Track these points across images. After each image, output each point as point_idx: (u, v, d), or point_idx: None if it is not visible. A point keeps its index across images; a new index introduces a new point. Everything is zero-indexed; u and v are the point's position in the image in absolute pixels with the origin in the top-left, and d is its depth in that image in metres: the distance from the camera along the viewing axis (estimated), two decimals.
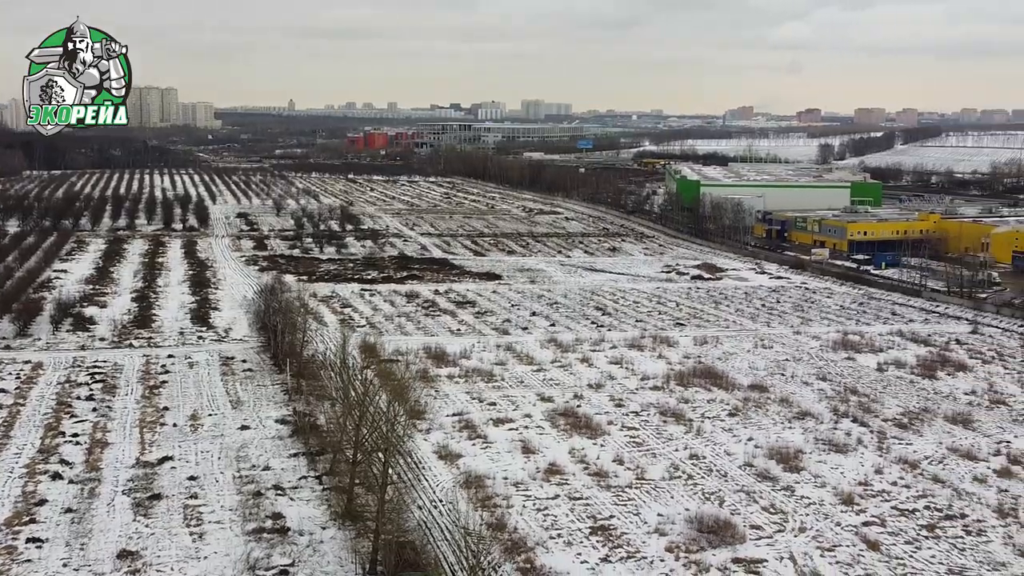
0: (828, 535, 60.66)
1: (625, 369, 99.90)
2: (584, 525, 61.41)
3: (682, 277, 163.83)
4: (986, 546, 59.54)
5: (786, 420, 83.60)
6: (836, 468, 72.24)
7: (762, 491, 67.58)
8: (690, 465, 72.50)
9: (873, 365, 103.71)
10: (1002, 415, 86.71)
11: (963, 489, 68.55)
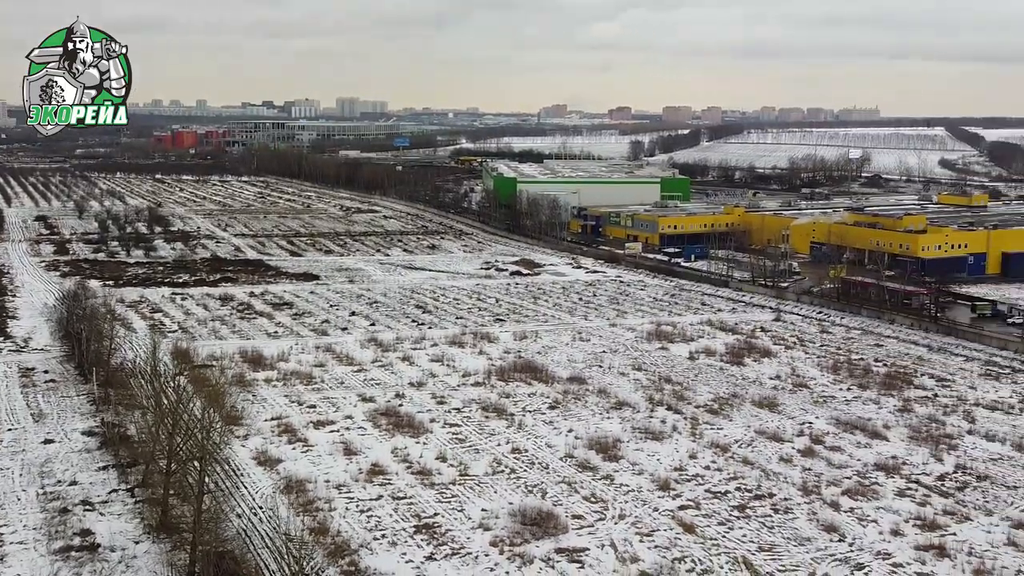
0: (646, 521, 62.37)
1: (447, 366, 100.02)
2: (408, 524, 61.11)
3: (501, 273, 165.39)
4: (793, 523, 62.50)
5: (604, 411, 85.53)
6: (653, 455, 74.37)
7: (583, 481, 68.91)
8: (513, 459, 73.20)
9: (685, 354, 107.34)
10: (804, 397, 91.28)
11: (771, 470, 71.78)
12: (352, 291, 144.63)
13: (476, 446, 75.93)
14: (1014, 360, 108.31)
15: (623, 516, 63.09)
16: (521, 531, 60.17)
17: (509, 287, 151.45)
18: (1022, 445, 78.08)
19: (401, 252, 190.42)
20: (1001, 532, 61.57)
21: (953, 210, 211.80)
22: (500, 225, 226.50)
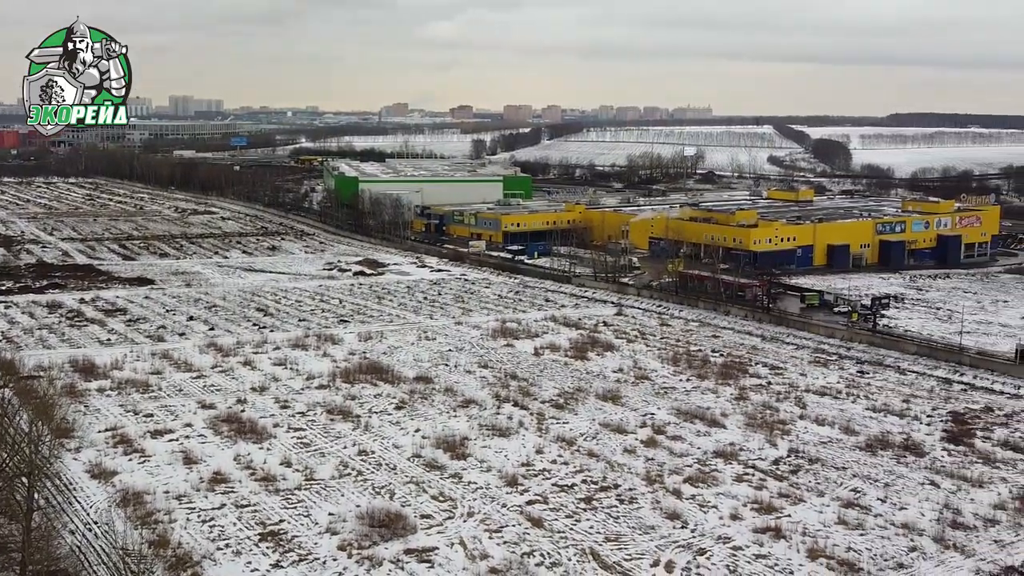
0: (495, 517, 62.62)
1: (290, 370, 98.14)
2: (253, 532, 59.62)
3: (344, 274, 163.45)
4: (637, 512, 63.84)
5: (451, 409, 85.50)
6: (500, 452, 74.75)
7: (431, 480, 68.68)
8: (359, 461, 72.36)
9: (530, 350, 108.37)
10: (646, 389, 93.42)
11: (615, 461, 73.13)
12: (190, 295, 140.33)
13: (322, 449, 74.73)
14: (840, 347, 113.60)
15: (472, 514, 63.16)
16: (369, 533, 59.52)
17: (353, 288, 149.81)
18: (849, 428, 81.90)
19: (240, 254, 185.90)
20: (832, 512, 64.39)
21: (782, 205, 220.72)
22: (342, 225, 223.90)
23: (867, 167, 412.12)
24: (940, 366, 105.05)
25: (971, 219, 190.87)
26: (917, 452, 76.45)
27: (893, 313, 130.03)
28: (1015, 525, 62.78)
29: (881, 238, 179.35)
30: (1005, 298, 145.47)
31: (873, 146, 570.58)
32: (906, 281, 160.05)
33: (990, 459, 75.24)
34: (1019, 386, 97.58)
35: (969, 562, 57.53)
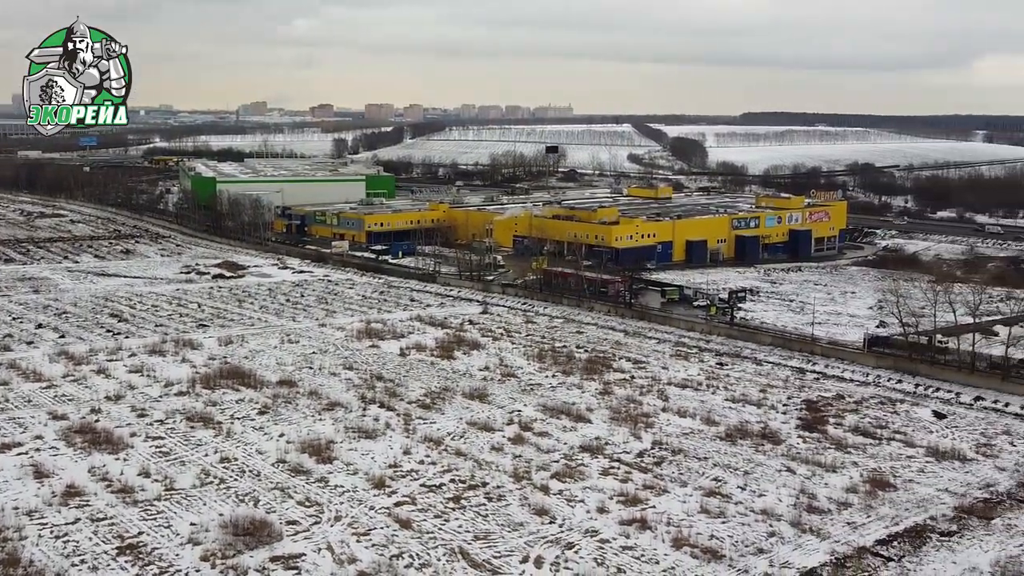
0: (363, 520, 61.88)
1: (147, 377, 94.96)
2: (111, 547, 57.39)
3: (203, 277, 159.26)
4: (506, 509, 64.03)
5: (316, 412, 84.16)
6: (367, 454, 73.95)
7: (296, 486, 67.44)
8: (222, 469, 70.52)
9: (396, 351, 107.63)
10: (512, 387, 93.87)
11: (483, 459, 73.21)
12: (38, 302, 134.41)
13: (182, 458, 72.53)
14: (700, 340, 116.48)
15: (339, 517, 62.27)
16: (233, 542, 58.01)
17: (212, 291, 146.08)
18: (710, 419, 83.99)
19: (92, 258, 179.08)
20: (695, 501, 65.88)
21: (642, 202, 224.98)
22: (200, 227, 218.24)
23: (722, 164, 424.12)
24: (794, 356, 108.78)
25: (820, 214, 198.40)
26: (774, 440, 78.93)
27: (749, 306, 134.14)
28: (866, 507, 65.40)
29: (737, 233, 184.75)
30: (853, 289, 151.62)
31: (727, 144, 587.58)
32: (761, 275, 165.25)
33: (842, 445, 78.24)
34: (867, 374, 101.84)
35: (824, 544, 59.63)
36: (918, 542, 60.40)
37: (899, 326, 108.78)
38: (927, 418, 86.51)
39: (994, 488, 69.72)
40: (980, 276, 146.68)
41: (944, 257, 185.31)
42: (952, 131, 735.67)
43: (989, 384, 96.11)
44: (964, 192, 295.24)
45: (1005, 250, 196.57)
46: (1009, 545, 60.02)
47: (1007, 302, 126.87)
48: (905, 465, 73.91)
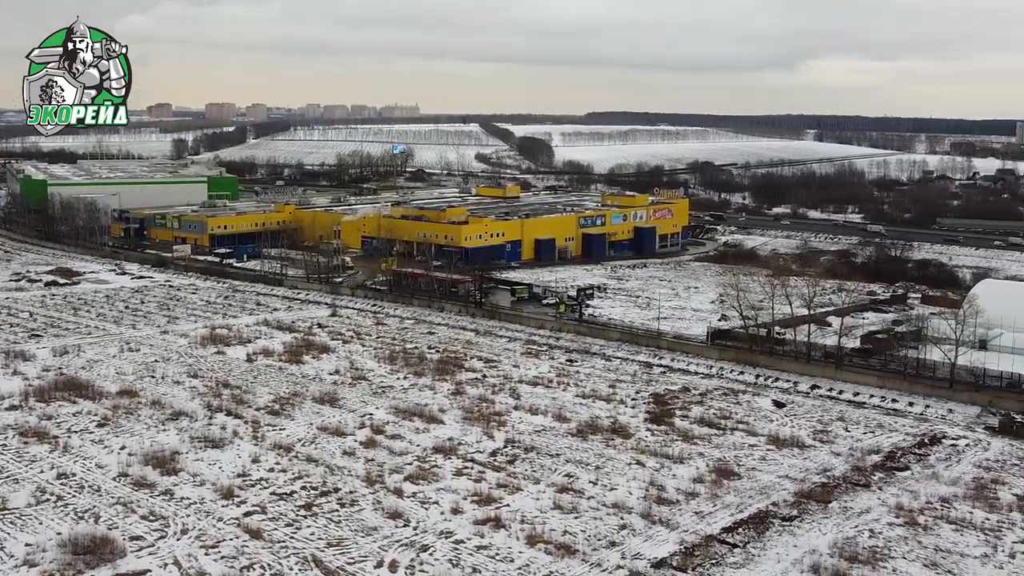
0: (211, 532, 60.13)
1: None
2: None
3: (35, 284, 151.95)
4: (359, 514, 63.27)
5: (160, 423, 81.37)
6: (214, 464, 71.93)
7: (140, 500, 65.02)
8: (59, 485, 67.41)
9: (243, 357, 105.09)
10: (364, 390, 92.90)
11: (335, 465, 72.18)
12: None
13: (15, 476, 69.00)
14: (550, 338, 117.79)
15: (186, 531, 60.32)
16: (73, 562, 55.52)
17: (45, 299, 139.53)
18: (561, 415, 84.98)
19: None
20: (548, 498, 66.52)
21: (491, 202, 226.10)
22: (31, 232, 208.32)
23: (569, 164, 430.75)
24: (641, 351, 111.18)
25: (664, 211, 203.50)
26: (624, 434, 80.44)
27: (597, 303, 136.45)
28: (712, 496, 67.32)
29: (584, 231, 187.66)
30: (696, 284, 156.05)
31: (573, 143, 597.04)
32: (608, 272, 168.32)
33: (689, 436, 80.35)
34: (711, 366, 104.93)
35: (674, 535, 61.07)
36: (761, 528, 62.50)
37: (740, 319, 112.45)
38: (768, 407, 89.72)
39: (831, 473, 72.78)
40: (814, 270, 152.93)
41: (780, 252, 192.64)
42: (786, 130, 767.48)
43: (824, 373, 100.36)
44: (797, 189, 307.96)
45: (836, 244, 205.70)
46: (845, 527, 62.72)
47: (839, 294, 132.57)
48: (748, 454, 76.43)
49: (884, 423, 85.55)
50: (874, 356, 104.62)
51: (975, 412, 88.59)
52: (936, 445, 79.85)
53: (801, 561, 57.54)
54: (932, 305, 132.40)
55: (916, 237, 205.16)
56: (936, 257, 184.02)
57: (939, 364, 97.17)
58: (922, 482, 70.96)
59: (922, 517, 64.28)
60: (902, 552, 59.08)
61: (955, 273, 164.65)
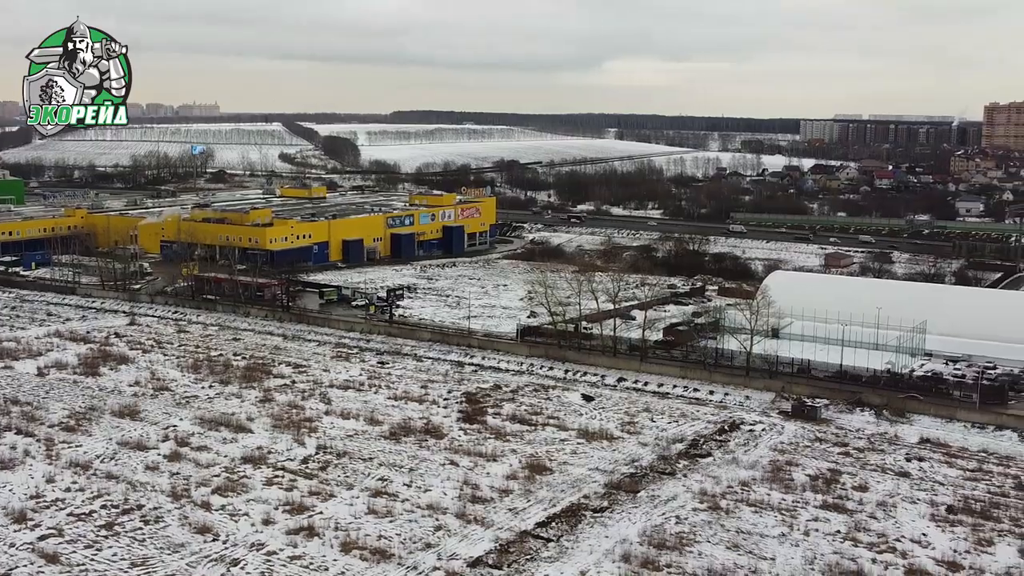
0: (3, 560, 56.53)
1: None
2: None
3: None
4: (164, 531, 60.81)
5: None
6: (4, 486, 67.71)
7: None
8: None
9: (33, 371, 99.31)
10: (166, 401, 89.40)
11: (137, 480, 69.14)
12: None
13: None
14: (360, 340, 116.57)
15: None
16: None
17: None
18: (373, 419, 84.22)
19: None
20: (362, 503, 65.78)
21: (296, 202, 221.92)
22: None
23: (375, 163, 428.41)
24: (453, 350, 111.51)
25: (471, 210, 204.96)
26: (437, 435, 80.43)
27: (408, 303, 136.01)
28: (526, 492, 68.15)
29: (392, 231, 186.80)
30: (505, 282, 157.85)
31: (380, 143, 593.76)
32: (417, 271, 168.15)
33: (501, 434, 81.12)
34: (522, 363, 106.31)
35: (489, 532, 61.47)
36: (574, 521, 63.72)
37: (548, 315, 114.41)
38: (577, 402, 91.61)
39: (638, 463, 74.96)
40: (617, 265, 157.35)
41: (586, 248, 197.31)
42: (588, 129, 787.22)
43: (630, 366, 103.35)
44: (600, 186, 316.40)
45: (638, 239, 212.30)
46: (654, 515, 64.71)
47: (642, 288, 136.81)
48: (560, 448, 77.80)
49: (687, 412, 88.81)
50: (676, 348, 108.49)
51: (770, 398, 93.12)
52: (735, 431, 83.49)
53: (613, 551, 58.97)
54: (728, 297, 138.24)
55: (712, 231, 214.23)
56: (731, 251, 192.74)
57: (736, 353, 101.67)
58: (723, 467, 74.01)
59: (724, 501, 67.02)
60: (707, 536, 61.43)
61: (748, 266, 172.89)
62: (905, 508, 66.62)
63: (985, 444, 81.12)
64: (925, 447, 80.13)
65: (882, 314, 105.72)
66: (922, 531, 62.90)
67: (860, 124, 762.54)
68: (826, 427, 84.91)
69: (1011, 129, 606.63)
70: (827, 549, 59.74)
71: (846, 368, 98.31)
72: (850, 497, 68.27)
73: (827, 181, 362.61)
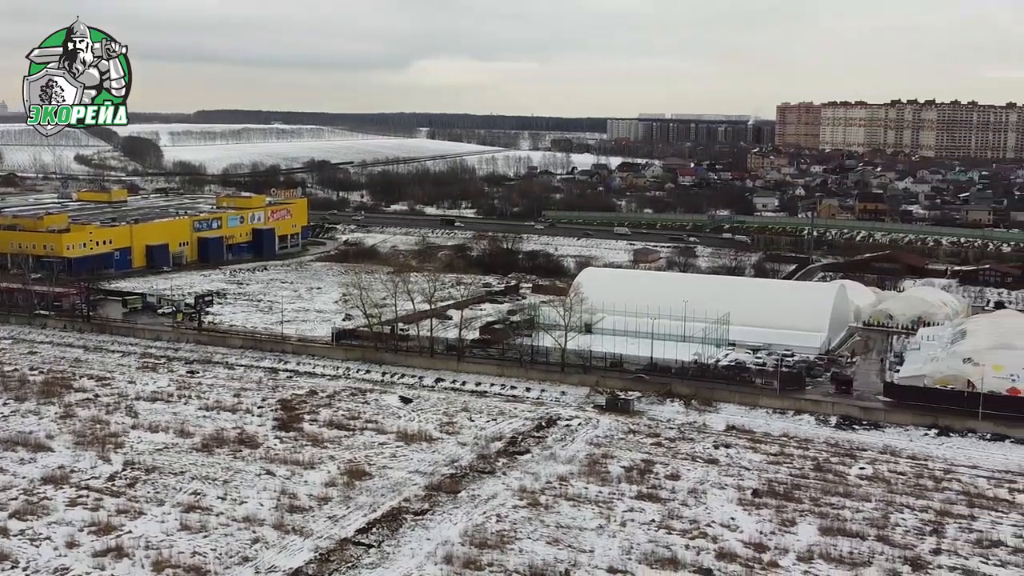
0: None
1: None
2: None
3: None
4: None
5: None
6: None
7: None
8: None
9: None
10: None
11: None
12: None
13: None
14: (168, 349, 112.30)
15: None
16: None
17: None
18: (184, 431, 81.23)
19: None
20: (174, 519, 63.31)
21: (95, 207, 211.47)
22: None
23: (179, 164, 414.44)
24: (266, 357, 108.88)
25: (282, 212, 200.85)
26: (252, 444, 78.34)
27: (217, 309, 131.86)
28: (345, 499, 67.19)
29: (199, 235, 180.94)
30: (319, 285, 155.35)
31: (184, 143, 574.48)
32: (227, 276, 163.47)
33: (318, 440, 79.72)
34: (338, 367, 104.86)
35: (308, 542, 60.27)
36: (395, 525, 63.24)
37: (364, 318, 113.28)
38: (395, 404, 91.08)
39: (458, 463, 75.12)
40: (432, 264, 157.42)
41: (400, 248, 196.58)
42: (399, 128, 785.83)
43: (447, 366, 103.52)
44: (413, 186, 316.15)
45: (452, 239, 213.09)
46: (475, 514, 64.97)
47: (458, 287, 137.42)
48: (379, 452, 77.12)
49: (505, 410, 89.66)
50: (493, 346, 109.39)
51: (585, 392, 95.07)
52: (552, 427, 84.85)
53: (435, 553, 58.84)
54: (542, 294, 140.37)
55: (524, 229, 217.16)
56: (544, 248, 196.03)
57: (551, 350, 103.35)
58: (541, 463, 75.07)
59: (543, 497, 67.96)
60: (527, 532, 62.12)
61: (561, 263, 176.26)
62: (715, 494, 69.27)
63: (786, 428, 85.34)
64: (731, 434, 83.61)
65: (688, 307, 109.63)
66: (731, 515, 65.52)
67: (663, 123, 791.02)
68: (639, 419, 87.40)
69: (801, 128, 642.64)
70: (643, 538, 61.43)
71: (656, 360, 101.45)
72: (663, 486, 70.46)
73: (634, 179, 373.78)
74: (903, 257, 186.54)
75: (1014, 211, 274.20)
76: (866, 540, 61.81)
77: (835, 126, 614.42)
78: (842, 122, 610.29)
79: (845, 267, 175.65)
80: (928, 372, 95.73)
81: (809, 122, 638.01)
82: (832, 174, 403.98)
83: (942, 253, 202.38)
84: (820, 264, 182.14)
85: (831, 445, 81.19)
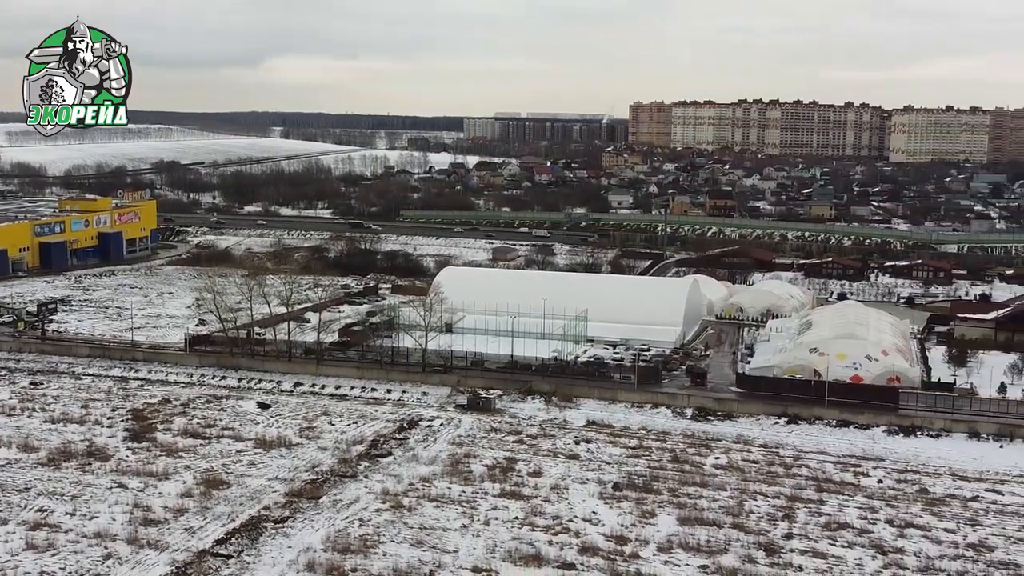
0: None
1: None
2: None
3: None
4: None
5: None
6: None
7: None
8: None
9: None
10: None
11: None
12: None
13: None
14: (9, 360, 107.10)
15: None
16: None
17: None
18: (28, 445, 77.61)
19: None
20: (19, 538, 60.43)
21: None
22: None
23: (18, 166, 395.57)
24: (116, 365, 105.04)
25: (130, 215, 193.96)
26: (102, 457, 75.44)
27: (62, 317, 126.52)
28: (202, 509, 65.34)
29: (41, 240, 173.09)
30: (170, 290, 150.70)
31: (23, 143, 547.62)
32: (72, 282, 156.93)
33: (173, 450, 77.34)
34: (192, 374, 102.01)
35: (164, 556, 58.38)
36: (255, 534, 61.85)
37: (219, 323, 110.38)
38: (253, 410, 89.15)
39: (319, 468, 74.04)
40: (289, 267, 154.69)
41: (255, 250, 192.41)
42: (252, 128, 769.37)
43: (306, 369, 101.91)
44: (267, 187, 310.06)
45: (309, 240, 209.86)
46: (337, 519, 64.11)
47: (315, 289, 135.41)
48: (236, 460, 75.33)
49: (366, 413, 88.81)
50: (352, 348, 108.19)
51: (446, 392, 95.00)
52: (414, 428, 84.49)
53: (297, 561, 57.79)
54: (402, 294, 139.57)
55: (387, 229, 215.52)
56: (403, 248, 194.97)
57: (412, 351, 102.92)
58: (404, 465, 74.64)
59: (406, 499, 67.56)
60: (391, 536, 61.63)
61: (420, 263, 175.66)
62: (576, 489, 70.15)
63: (644, 422, 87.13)
64: (592, 429, 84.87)
65: (547, 304, 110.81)
66: (592, 509, 66.48)
67: (519, 122, 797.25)
68: (501, 417, 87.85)
69: (653, 127, 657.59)
70: (507, 536, 61.71)
71: (517, 358, 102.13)
72: (526, 483, 70.96)
73: (491, 178, 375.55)
74: (752, 252, 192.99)
75: (854, 206, 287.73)
76: (722, 528, 63.63)
77: (685, 125, 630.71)
78: (692, 121, 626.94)
79: (698, 262, 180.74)
80: (777, 363, 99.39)
81: (661, 121, 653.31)
82: (683, 172, 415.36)
83: (788, 248, 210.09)
84: (674, 260, 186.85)
85: (687, 436, 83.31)
